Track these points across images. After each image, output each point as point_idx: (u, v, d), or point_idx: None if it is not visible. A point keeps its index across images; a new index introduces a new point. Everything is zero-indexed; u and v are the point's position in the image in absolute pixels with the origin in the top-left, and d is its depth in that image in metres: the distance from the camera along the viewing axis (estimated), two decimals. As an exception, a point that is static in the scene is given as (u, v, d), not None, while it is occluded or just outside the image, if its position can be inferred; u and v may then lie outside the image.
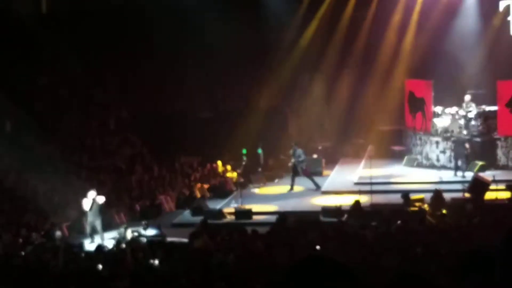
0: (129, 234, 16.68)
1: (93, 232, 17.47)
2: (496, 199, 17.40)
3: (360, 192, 18.26)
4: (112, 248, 14.76)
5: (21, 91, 23.79)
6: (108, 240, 16.61)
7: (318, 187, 20.66)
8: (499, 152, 20.79)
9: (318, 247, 12.56)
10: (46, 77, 24.96)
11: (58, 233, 17.47)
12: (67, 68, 24.66)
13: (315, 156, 23.22)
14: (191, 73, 24.77)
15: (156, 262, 12.62)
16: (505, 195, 17.37)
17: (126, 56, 24.86)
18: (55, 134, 23.21)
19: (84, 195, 18.37)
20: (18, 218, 18.35)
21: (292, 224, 15.46)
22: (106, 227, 17.82)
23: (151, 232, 17.05)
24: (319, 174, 22.35)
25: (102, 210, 17.63)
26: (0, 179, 19.95)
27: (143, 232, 16.79)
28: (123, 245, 14.82)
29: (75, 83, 25.14)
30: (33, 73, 24.52)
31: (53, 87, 24.91)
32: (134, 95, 25.59)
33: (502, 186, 17.76)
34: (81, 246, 15.10)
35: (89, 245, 15.96)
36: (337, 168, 23.41)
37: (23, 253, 15.08)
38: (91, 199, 17.21)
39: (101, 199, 17.42)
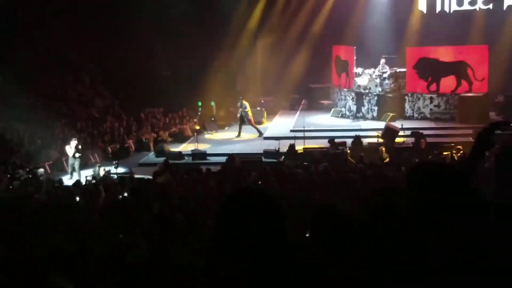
0: (102, 172, 16.44)
1: (73, 170, 17.23)
2: (403, 143, 17.67)
3: (295, 138, 18.27)
4: (88, 183, 14.49)
5: (3, 49, 22.90)
6: (85, 177, 16.29)
7: (260, 133, 20.63)
8: (407, 105, 21.03)
9: (260, 182, 12.55)
10: (25, 37, 23.96)
11: (41, 170, 17.13)
12: (44, 30, 23.82)
13: (258, 108, 23.11)
14: (156, 37, 24.12)
15: (125, 194, 12.40)
16: (410, 140, 17.64)
17: (99, 20, 24.04)
18: (37, 88, 22.56)
19: (63, 139, 17.97)
20: (6, 158, 17.81)
21: (239, 164, 15.42)
22: (83, 166, 17.51)
23: (121, 170, 16.79)
24: (262, 123, 22.31)
25: (81, 154, 17.33)
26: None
27: (114, 170, 16.51)
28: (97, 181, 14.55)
29: (52, 44, 24.29)
30: (14, 34, 23.53)
31: (32, 47, 24.00)
32: (106, 56, 24.82)
33: (408, 133, 18.01)
34: (61, 181, 14.69)
35: (68, 181, 15.58)
36: (276, 118, 23.42)
37: (10, 187, 14.67)
38: (73, 147, 16.99)
39: (80, 147, 17.25)
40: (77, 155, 17.08)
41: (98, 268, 6.62)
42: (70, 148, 17.09)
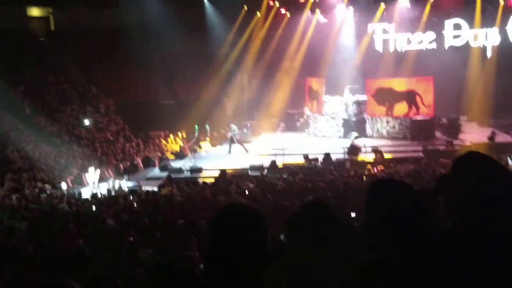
0: (116, 185, 16.37)
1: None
2: (365, 159, 17.81)
3: (275, 155, 18.33)
4: (104, 195, 14.45)
5: (35, 86, 23.04)
6: (100, 190, 16.22)
7: (247, 151, 20.68)
8: (367, 127, 21.22)
9: (247, 192, 12.61)
10: (53, 76, 24.13)
11: (64, 184, 17.01)
12: (68, 69, 24.04)
13: (245, 130, 23.19)
14: (158, 72, 24.27)
15: (135, 204, 12.39)
16: (371, 156, 17.79)
17: (112, 60, 24.21)
18: (61, 115, 22.59)
19: (83, 159, 17.87)
20: (35, 174, 17.71)
21: (229, 177, 15.47)
22: (99, 180, 17.44)
23: (130, 183, 16.76)
24: (248, 142, 22.34)
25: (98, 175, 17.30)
26: (22, 147, 19.30)
27: (125, 183, 16.48)
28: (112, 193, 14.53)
29: (74, 81, 24.48)
30: (44, 73, 23.71)
31: (58, 83, 24.16)
32: (118, 90, 24.99)
33: (369, 150, 18.17)
34: (80, 194, 14.65)
35: (86, 194, 15.54)
36: (260, 138, 23.43)
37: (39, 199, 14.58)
38: (92, 174, 16.93)
39: (97, 171, 17.14)
40: (97, 176, 16.94)
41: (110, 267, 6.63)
42: (90, 174, 16.95)
